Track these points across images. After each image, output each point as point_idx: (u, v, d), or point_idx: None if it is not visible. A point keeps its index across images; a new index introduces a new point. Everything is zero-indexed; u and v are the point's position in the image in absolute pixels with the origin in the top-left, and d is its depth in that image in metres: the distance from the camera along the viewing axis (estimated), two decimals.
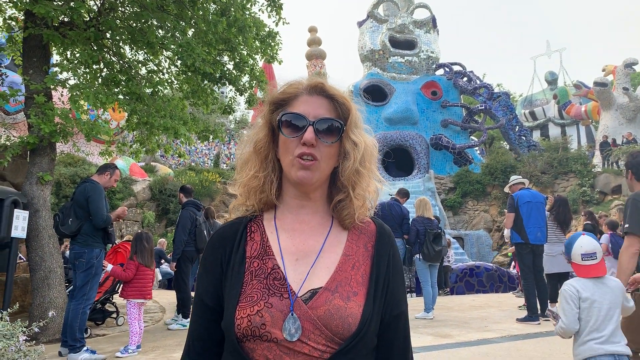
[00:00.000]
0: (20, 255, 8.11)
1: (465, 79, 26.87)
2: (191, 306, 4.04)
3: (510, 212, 7.97)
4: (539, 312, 7.73)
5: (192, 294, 7.96)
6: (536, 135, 33.21)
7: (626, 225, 3.92)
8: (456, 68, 27.59)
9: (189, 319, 7.58)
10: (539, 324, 7.47)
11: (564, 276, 9.21)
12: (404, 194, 9.42)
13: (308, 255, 1.24)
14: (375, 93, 25.33)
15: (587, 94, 28.83)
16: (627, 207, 3.98)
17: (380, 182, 1.34)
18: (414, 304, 9.15)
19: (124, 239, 10.53)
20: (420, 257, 8.32)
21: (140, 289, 6.17)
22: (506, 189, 8.85)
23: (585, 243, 3.28)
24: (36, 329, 3.32)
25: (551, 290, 8.87)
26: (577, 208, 19.15)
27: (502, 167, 22.73)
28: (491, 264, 15.71)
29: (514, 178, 8.66)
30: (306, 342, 1.11)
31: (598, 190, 20.92)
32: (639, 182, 4.14)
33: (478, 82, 26.73)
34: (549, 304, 8.33)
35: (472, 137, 27.63)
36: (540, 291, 7.83)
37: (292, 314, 1.12)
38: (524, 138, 26.21)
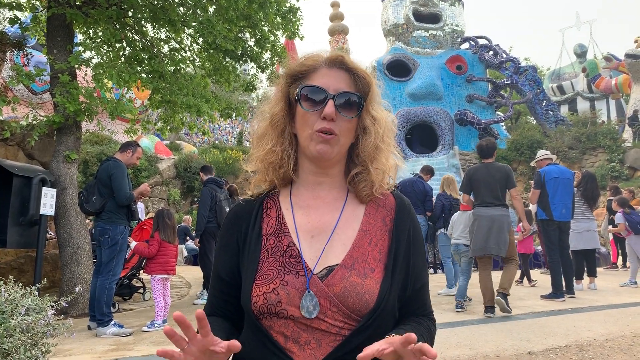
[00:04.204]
0: (50, 232, 8.29)
1: (491, 52, 26.23)
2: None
3: (536, 188, 7.83)
4: (564, 289, 7.66)
5: None
6: (564, 110, 32.39)
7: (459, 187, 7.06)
8: (482, 42, 26.91)
9: None
10: (563, 300, 7.40)
11: (590, 253, 9.10)
12: (428, 170, 9.29)
13: (324, 232, 1.22)
14: (398, 68, 24.92)
15: (617, 66, 28.01)
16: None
17: (398, 158, 1.32)
18: (437, 280, 9.13)
19: (148, 216, 10.68)
20: (444, 231, 8.26)
21: (164, 264, 6.27)
22: (533, 164, 8.69)
23: None
24: (64, 304, 3.39)
25: (577, 267, 8.74)
26: (606, 184, 18.73)
27: (529, 143, 22.30)
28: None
29: (542, 153, 8.48)
30: (324, 319, 1.11)
31: (628, 165, 20.42)
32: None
33: (504, 55, 26.08)
34: (574, 280, 8.23)
35: (498, 112, 27.08)
36: (565, 268, 7.73)
37: (308, 292, 1.12)
38: (551, 113, 25.57)
